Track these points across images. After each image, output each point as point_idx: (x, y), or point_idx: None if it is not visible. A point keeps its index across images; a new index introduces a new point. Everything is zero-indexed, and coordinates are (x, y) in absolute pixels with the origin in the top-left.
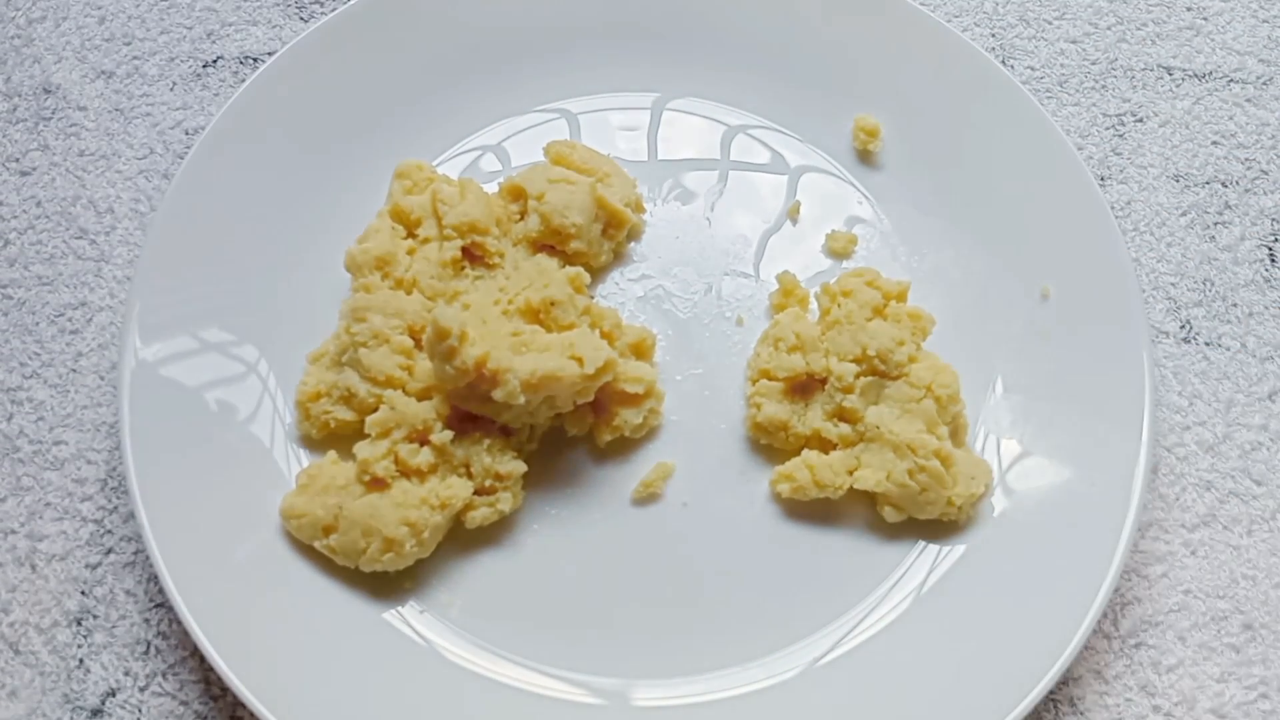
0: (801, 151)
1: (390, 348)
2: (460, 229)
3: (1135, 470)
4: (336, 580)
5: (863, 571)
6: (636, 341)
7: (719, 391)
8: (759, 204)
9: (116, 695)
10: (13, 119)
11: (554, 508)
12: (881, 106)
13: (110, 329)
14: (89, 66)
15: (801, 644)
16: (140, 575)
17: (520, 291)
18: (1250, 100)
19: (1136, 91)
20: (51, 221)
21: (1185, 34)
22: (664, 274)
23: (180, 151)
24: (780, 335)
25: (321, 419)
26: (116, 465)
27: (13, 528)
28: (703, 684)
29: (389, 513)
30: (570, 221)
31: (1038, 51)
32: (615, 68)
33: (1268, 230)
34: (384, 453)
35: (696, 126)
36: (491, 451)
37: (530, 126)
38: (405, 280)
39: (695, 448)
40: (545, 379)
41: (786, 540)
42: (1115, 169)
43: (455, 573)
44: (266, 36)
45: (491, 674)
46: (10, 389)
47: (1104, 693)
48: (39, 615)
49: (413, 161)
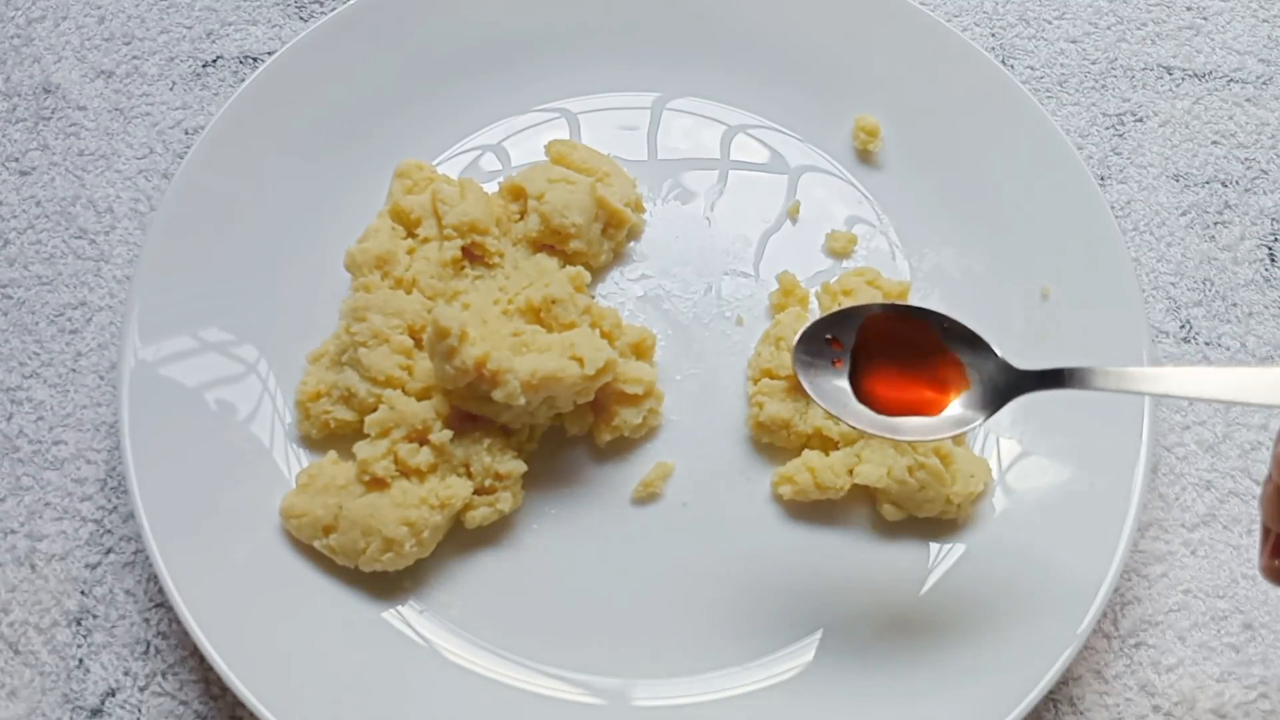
0: (801, 151)
1: (390, 347)
2: (460, 229)
3: (1135, 470)
4: (336, 580)
5: (863, 571)
6: (636, 341)
7: (719, 391)
8: (759, 204)
9: (116, 695)
10: (12, 119)
11: (554, 507)
12: (881, 106)
13: (110, 328)
14: (89, 66)
15: (802, 643)
16: (140, 575)
17: (520, 291)
18: (1250, 100)
19: (1136, 91)
20: (51, 221)
21: (1185, 34)
22: (664, 274)
23: (180, 151)
24: (782, 335)
25: (321, 419)
26: (116, 465)
27: (12, 527)
28: (702, 684)
29: (389, 512)
30: (570, 221)
31: (1037, 51)
32: (616, 67)
33: (1268, 230)
34: (384, 452)
35: (696, 126)
36: (491, 451)
37: (530, 126)
38: (405, 280)
39: (695, 447)
40: (546, 379)
41: (787, 540)
42: (1115, 169)
43: (455, 572)
44: (266, 36)
45: (491, 673)
46: (10, 389)
47: (1104, 692)
48: (38, 615)
49: (413, 161)
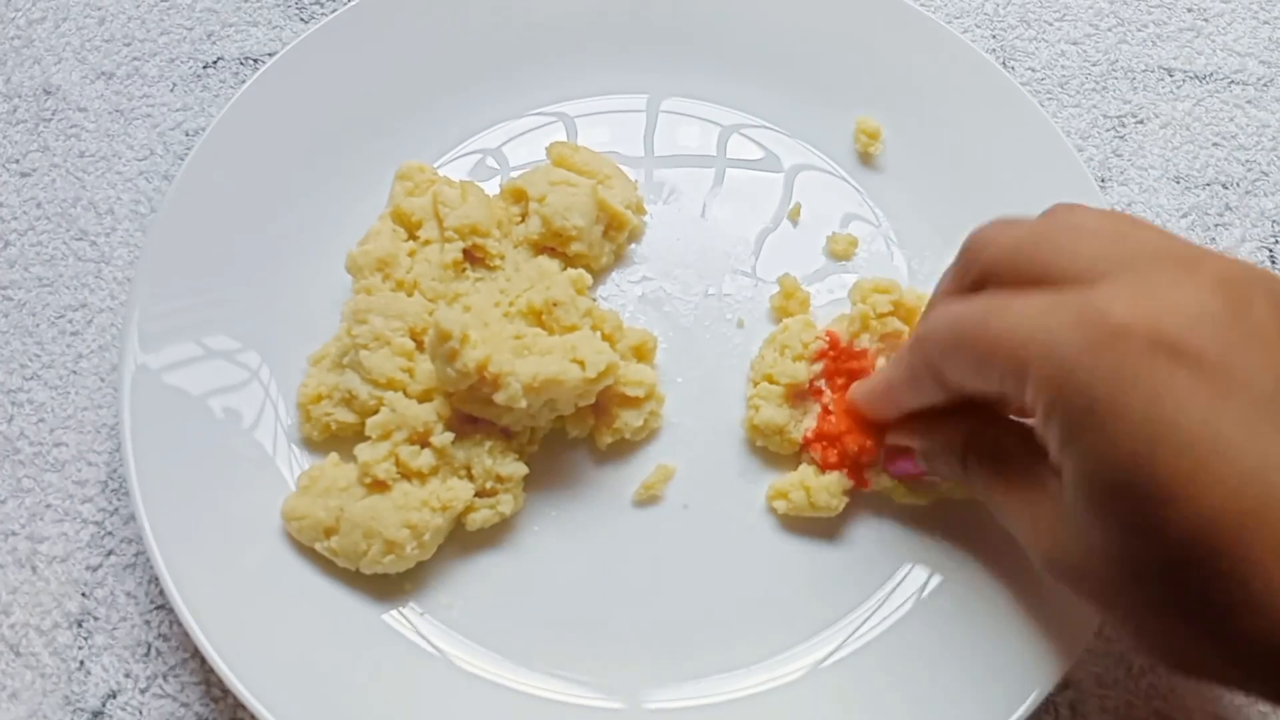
0: (801, 153)
1: (391, 350)
2: (461, 231)
3: None
4: (337, 582)
5: (864, 573)
6: (638, 344)
7: (719, 394)
8: (759, 206)
9: (117, 697)
10: (13, 120)
11: (555, 509)
12: (881, 108)
13: (111, 330)
14: (89, 67)
15: (803, 646)
16: (141, 577)
17: (522, 293)
18: (1251, 102)
19: (1137, 93)
20: (52, 223)
21: (1186, 35)
22: (664, 276)
23: (180, 153)
24: (787, 342)
25: (323, 421)
26: (117, 467)
27: (13, 529)
28: (704, 687)
29: (390, 515)
30: (571, 224)
31: (1038, 53)
32: (616, 69)
33: (1268, 232)
34: (385, 455)
35: (696, 128)
36: (492, 454)
37: (531, 129)
38: (406, 282)
39: (696, 450)
40: (547, 382)
41: (788, 542)
42: (1116, 170)
43: (456, 574)
44: (266, 37)
45: (492, 675)
46: (10, 391)
47: (1103, 697)
48: (39, 617)
49: (414, 163)
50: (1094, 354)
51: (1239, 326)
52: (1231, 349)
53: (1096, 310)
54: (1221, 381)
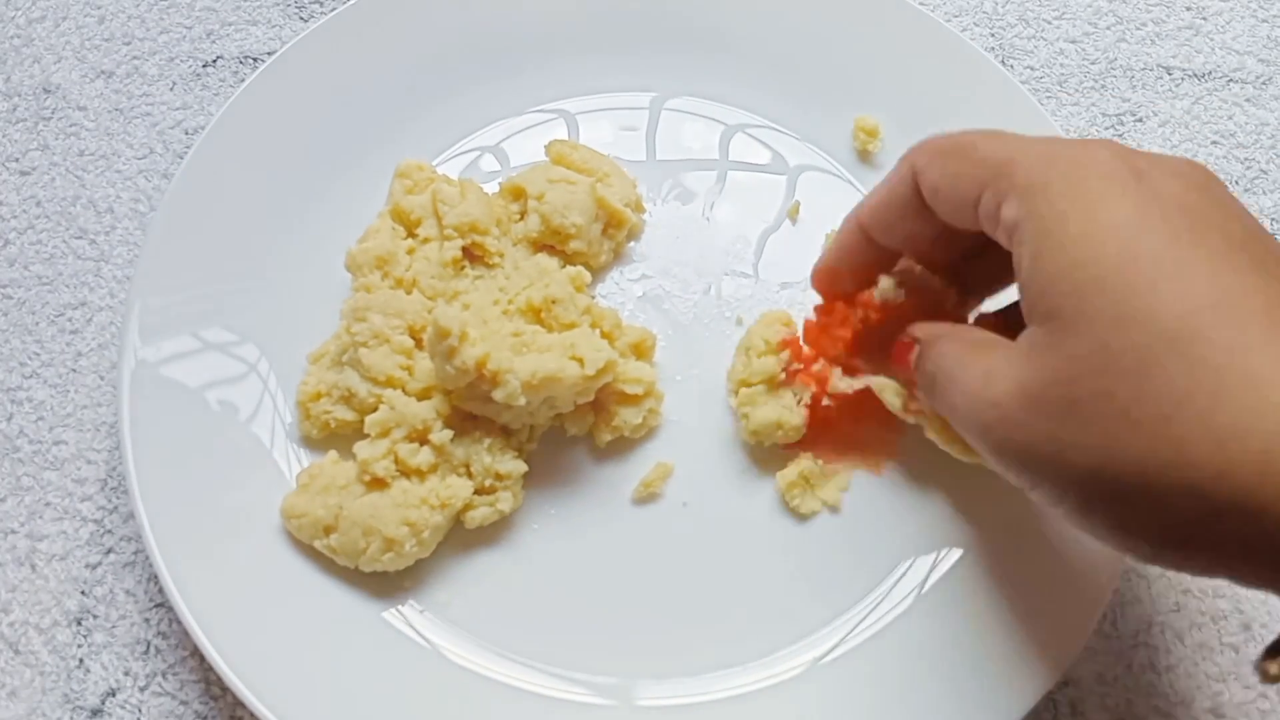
0: (801, 151)
1: (390, 347)
2: (461, 229)
3: None
4: (336, 580)
5: (863, 570)
6: (637, 342)
7: (719, 391)
8: (759, 204)
9: (116, 695)
10: (12, 119)
11: (554, 507)
12: (881, 106)
13: (110, 329)
14: (89, 66)
15: (803, 643)
16: (140, 575)
17: (521, 291)
18: (1250, 100)
19: (1136, 91)
20: (51, 221)
21: (1185, 34)
22: (664, 274)
23: (180, 151)
24: (751, 344)
25: (322, 419)
26: (116, 465)
27: (12, 527)
28: (703, 683)
29: (389, 512)
30: (571, 221)
31: (1037, 51)
32: (615, 68)
33: (1267, 230)
34: (384, 452)
35: (696, 126)
36: (492, 451)
37: (530, 126)
38: (406, 280)
39: (695, 447)
40: (546, 380)
41: (787, 539)
42: None
43: (455, 572)
44: (266, 36)
45: (491, 673)
46: (10, 389)
47: (1104, 694)
48: (39, 615)
49: (413, 161)
50: (1077, 165)
51: (1211, 189)
52: (1204, 204)
53: (1081, 145)
54: (1199, 226)
